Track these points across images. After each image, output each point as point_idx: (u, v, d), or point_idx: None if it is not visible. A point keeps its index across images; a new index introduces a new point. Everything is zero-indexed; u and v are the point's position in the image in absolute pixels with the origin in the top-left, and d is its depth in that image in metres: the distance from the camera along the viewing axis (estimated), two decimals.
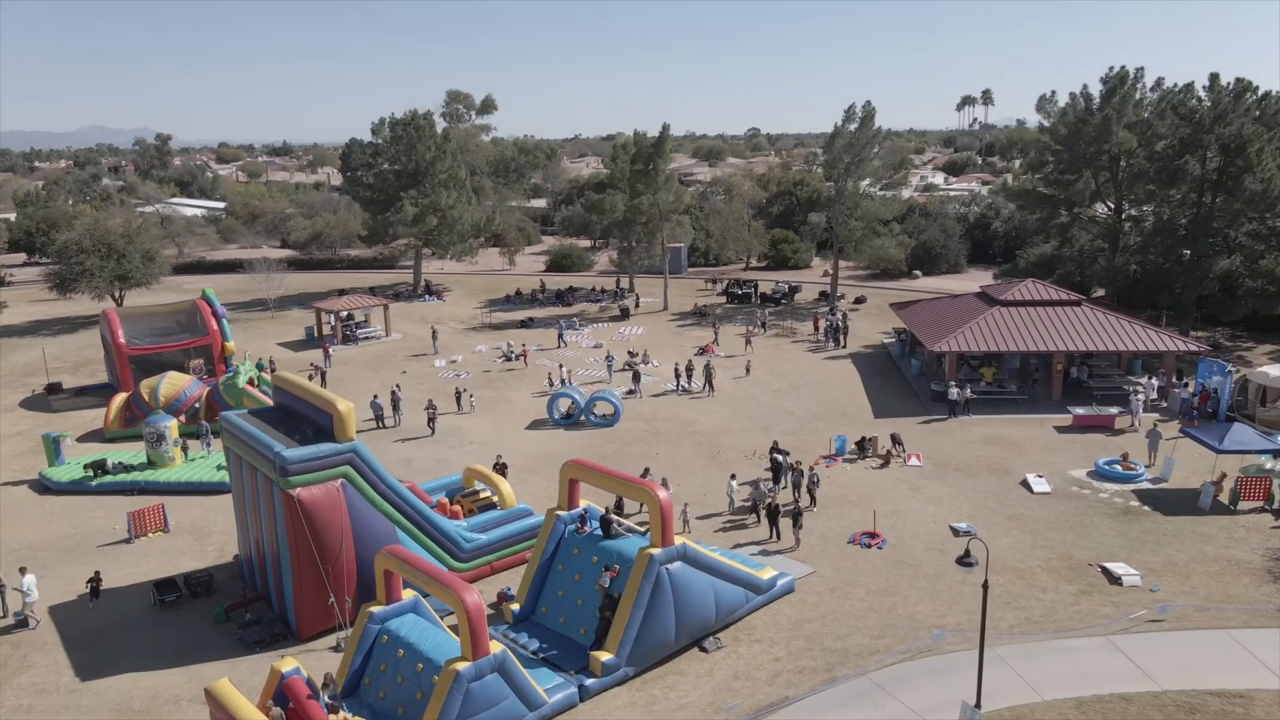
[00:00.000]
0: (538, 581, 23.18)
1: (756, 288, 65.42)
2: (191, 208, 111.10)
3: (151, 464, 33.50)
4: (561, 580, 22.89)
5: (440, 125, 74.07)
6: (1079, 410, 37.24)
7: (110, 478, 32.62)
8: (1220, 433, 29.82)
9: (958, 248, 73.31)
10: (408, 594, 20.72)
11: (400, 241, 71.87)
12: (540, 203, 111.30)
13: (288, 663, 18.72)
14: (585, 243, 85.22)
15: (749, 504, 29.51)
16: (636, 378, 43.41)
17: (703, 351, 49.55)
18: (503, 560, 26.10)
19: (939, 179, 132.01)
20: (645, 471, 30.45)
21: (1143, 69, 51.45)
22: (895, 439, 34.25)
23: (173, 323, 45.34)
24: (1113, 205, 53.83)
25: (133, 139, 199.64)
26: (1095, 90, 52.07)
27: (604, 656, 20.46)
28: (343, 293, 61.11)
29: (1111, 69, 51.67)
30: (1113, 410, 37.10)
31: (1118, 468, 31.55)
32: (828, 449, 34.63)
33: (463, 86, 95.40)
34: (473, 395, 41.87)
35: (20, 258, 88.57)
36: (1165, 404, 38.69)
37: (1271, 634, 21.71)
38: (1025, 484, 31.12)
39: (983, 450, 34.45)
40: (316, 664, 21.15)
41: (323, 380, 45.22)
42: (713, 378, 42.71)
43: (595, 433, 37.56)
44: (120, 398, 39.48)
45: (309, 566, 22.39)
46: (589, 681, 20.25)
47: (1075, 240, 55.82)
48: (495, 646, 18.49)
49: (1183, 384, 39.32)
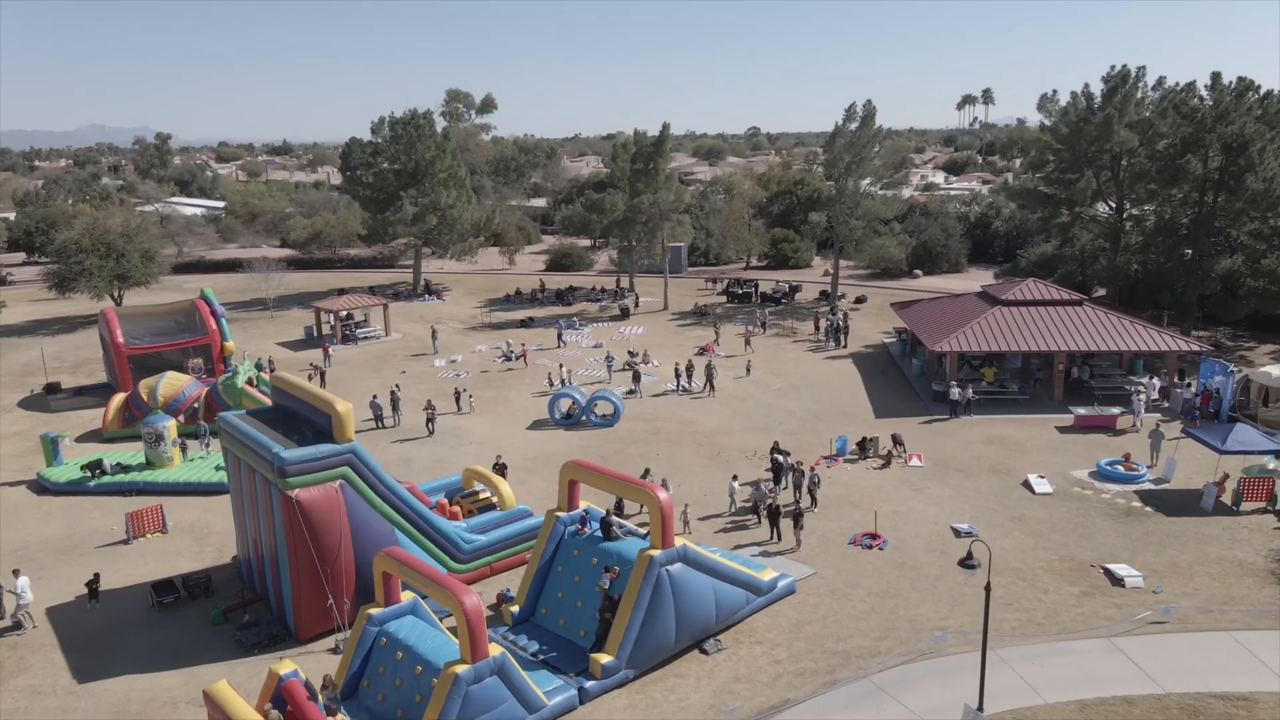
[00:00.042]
0: (537, 583, 23.07)
1: (757, 287, 65.31)
2: (191, 207, 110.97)
3: (150, 464, 33.39)
4: (561, 582, 22.78)
5: (440, 124, 73.97)
6: (1081, 410, 37.14)
7: (108, 478, 32.52)
8: (1223, 433, 29.70)
9: (958, 247, 73.21)
10: (407, 596, 20.62)
11: (400, 241, 71.77)
12: (540, 202, 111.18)
13: (286, 665, 18.58)
14: (585, 242, 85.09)
15: (749, 504, 29.41)
16: (636, 378, 43.30)
17: (703, 351, 49.46)
18: (502, 561, 26.00)
19: (939, 178, 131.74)
20: (645, 472, 30.39)
21: (1144, 68, 51.49)
22: (896, 439, 34.14)
23: (171, 322, 45.23)
24: (1114, 204, 53.74)
25: (133, 138, 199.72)
26: (1097, 89, 52.06)
27: (604, 659, 20.36)
28: (342, 292, 60.99)
29: (1113, 68, 51.62)
30: (1114, 410, 37.00)
31: (1120, 468, 31.44)
32: (828, 449, 34.52)
33: (463, 86, 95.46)
34: (472, 395, 41.76)
35: (19, 257, 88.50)
36: (1167, 404, 38.58)
37: (1275, 636, 21.60)
38: (1027, 485, 31.02)
39: (984, 451, 34.34)
40: (315, 666, 21.04)
41: (322, 380, 45.13)
42: (714, 377, 42.60)
43: (595, 433, 37.45)
44: (119, 398, 39.39)
45: (307, 568, 22.29)
46: (589, 684, 20.15)
47: (1076, 240, 55.78)
48: (495, 649, 18.38)
49: (1185, 384, 39.19)
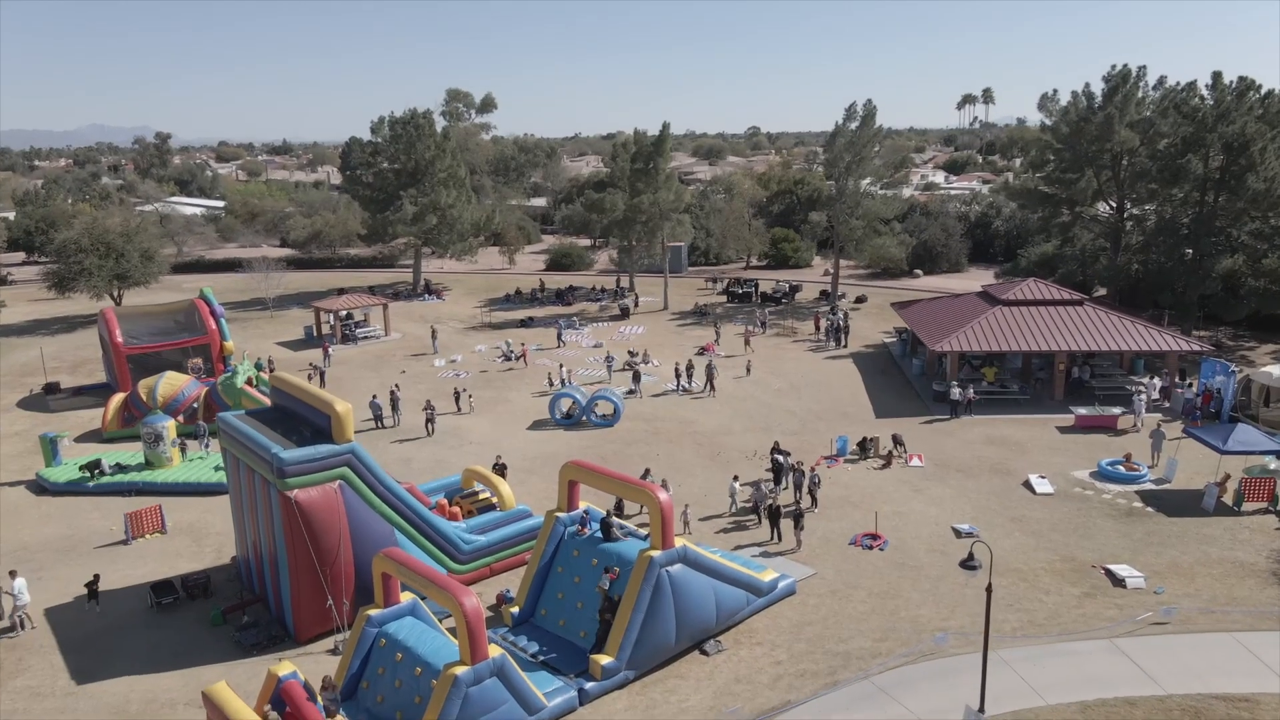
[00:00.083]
0: (537, 584, 23.01)
1: (757, 287, 65.26)
2: (191, 206, 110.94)
3: (149, 464, 33.34)
4: (561, 583, 22.71)
5: (440, 124, 73.94)
6: (1081, 410, 37.08)
7: (107, 478, 32.46)
8: (1224, 433, 29.63)
9: (959, 247, 73.14)
10: (406, 597, 20.56)
11: (400, 240, 71.71)
12: (540, 201, 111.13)
13: (285, 666, 18.53)
14: (585, 242, 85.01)
15: (750, 504, 29.35)
16: (636, 377, 43.24)
17: (703, 351, 49.41)
18: (502, 562, 25.93)
19: (940, 178, 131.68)
20: (646, 473, 30.33)
21: (1145, 68, 51.42)
22: (897, 439, 34.07)
23: (171, 322, 45.16)
24: (1115, 204, 53.67)
25: (132, 138, 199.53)
26: (1097, 89, 52.01)
27: (604, 660, 20.30)
28: (342, 292, 60.95)
29: (1114, 67, 51.56)
30: (1115, 410, 36.94)
31: (1121, 468, 31.37)
32: (829, 449, 34.45)
33: (463, 86, 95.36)
34: (472, 395, 41.69)
35: (19, 257, 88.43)
36: (1168, 404, 38.51)
37: (1277, 637, 21.53)
38: (1028, 485, 30.95)
39: (985, 451, 34.28)
40: (314, 667, 20.99)
41: (321, 380, 45.08)
42: (714, 377, 42.53)
43: (595, 433, 37.39)
44: (118, 398, 39.33)
45: (307, 569, 22.24)
46: (589, 685, 20.09)
47: (1077, 239, 55.74)
48: (494, 650, 18.32)
49: (1186, 384, 39.13)
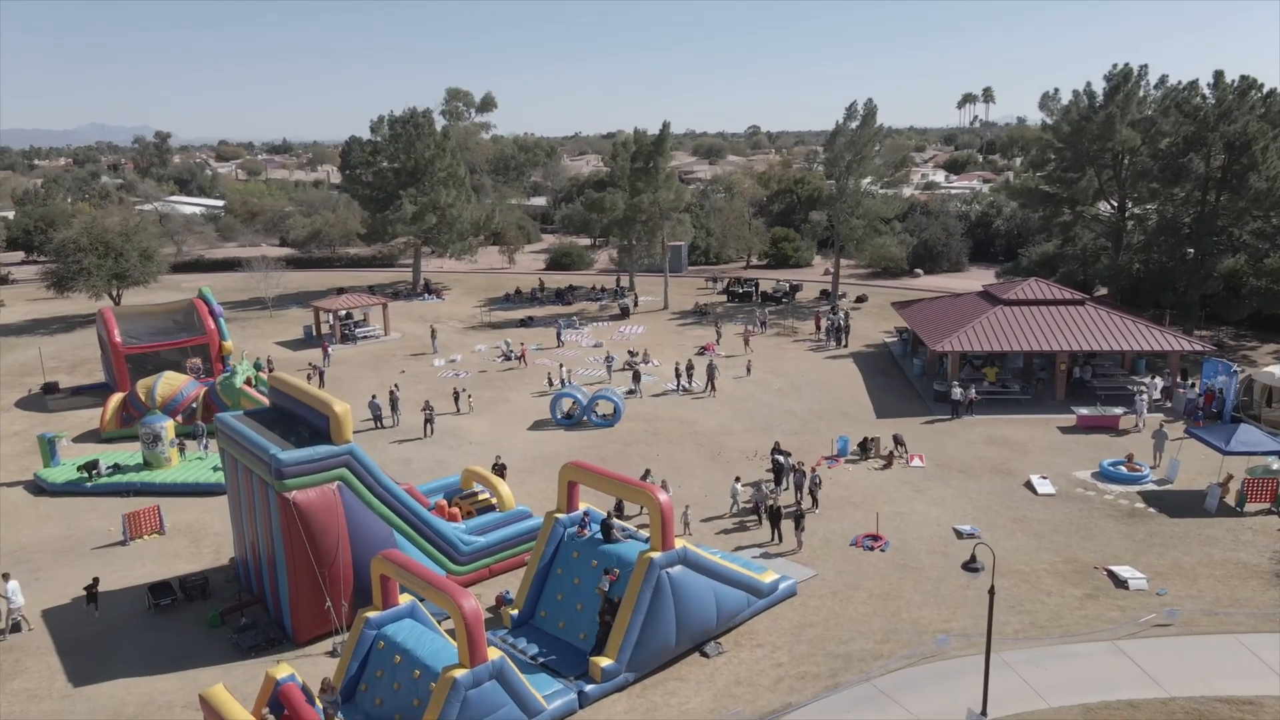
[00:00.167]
0: (537, 585, 22.89)
1: (757, 286, 65.13)
2: (190, 206, 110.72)
3: (147, 465, 33.22)
4: (561, 584, 22.60)
5: (440, 123, 73.80)
6: (1083, 411, 36.95)
7: (104, 479, 32.35)
8: (1227, 434, 29.49)
9: (959, 246, 73.01)
10: (405, 598, 20.45)
11: (399, 240, 71.63)
12: (540, 201, 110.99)
13: (283, 668, 18.42)
14: (585, 241, 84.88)
15: (750, 505, 29.24)
16: (637, 377, 43.13)
17: (703, 351, 49.29)
18: (501, 563, 25.82)
19: (940, 177, 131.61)
20: (646, 473, 30.24)
21: (1146, 67, 51.26)
22: (898, 440, 33.96)
23: (170, 322, 45.01)
24: (1116, 203, 53.54)
25: (132, 137, 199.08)
26: (1098, 88, 51.89)
27: (604, 662, 20.19)
28: (341, 291, 60.80)
29: (1115, 67, 51.45)
30: (1117, 410, 36.83)
31: (1122, 469, 31.25)
32: (829, 450, 34.34)
33: (462, 85, 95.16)
34: (471, 395, 41.58)
35: (18, 256, 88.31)
36: (1170, 404, 38.39)
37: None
38: (1029, 485, 30.84)
39: (986, 451, 34.16)
40: (313, 669, 20.89)
41: (321, 380, 44.96)
42: (715, 377, 42.42)
43: (595, 433, 37.27)
44: (117, 398, 39.21)
45: (305, 570, 22.12)
46: (588, 687, 19.98)
47: (1078, 239, 55.61)
48: (493, 653, 18.21)
49: (1188, 384, 39.01)
